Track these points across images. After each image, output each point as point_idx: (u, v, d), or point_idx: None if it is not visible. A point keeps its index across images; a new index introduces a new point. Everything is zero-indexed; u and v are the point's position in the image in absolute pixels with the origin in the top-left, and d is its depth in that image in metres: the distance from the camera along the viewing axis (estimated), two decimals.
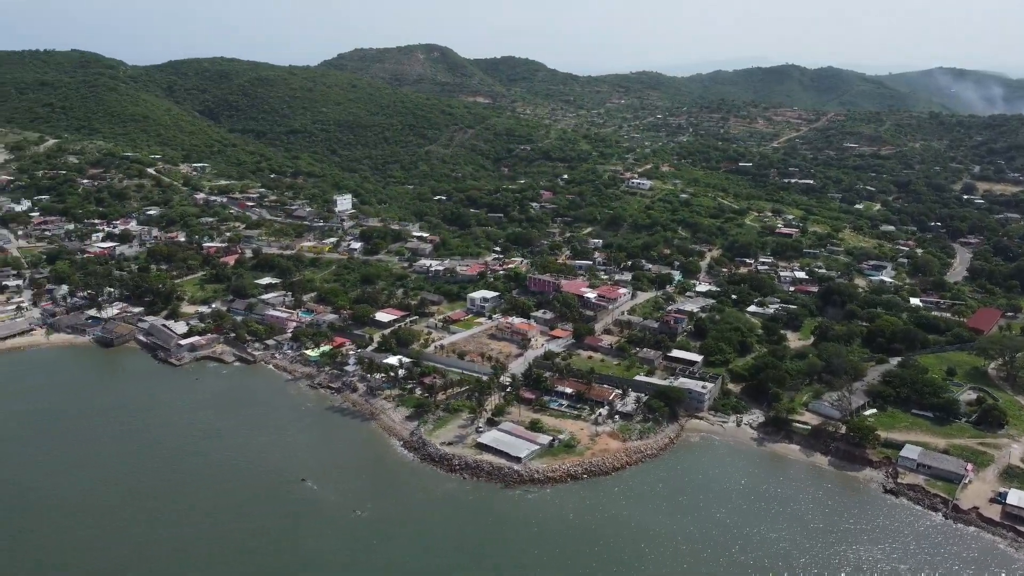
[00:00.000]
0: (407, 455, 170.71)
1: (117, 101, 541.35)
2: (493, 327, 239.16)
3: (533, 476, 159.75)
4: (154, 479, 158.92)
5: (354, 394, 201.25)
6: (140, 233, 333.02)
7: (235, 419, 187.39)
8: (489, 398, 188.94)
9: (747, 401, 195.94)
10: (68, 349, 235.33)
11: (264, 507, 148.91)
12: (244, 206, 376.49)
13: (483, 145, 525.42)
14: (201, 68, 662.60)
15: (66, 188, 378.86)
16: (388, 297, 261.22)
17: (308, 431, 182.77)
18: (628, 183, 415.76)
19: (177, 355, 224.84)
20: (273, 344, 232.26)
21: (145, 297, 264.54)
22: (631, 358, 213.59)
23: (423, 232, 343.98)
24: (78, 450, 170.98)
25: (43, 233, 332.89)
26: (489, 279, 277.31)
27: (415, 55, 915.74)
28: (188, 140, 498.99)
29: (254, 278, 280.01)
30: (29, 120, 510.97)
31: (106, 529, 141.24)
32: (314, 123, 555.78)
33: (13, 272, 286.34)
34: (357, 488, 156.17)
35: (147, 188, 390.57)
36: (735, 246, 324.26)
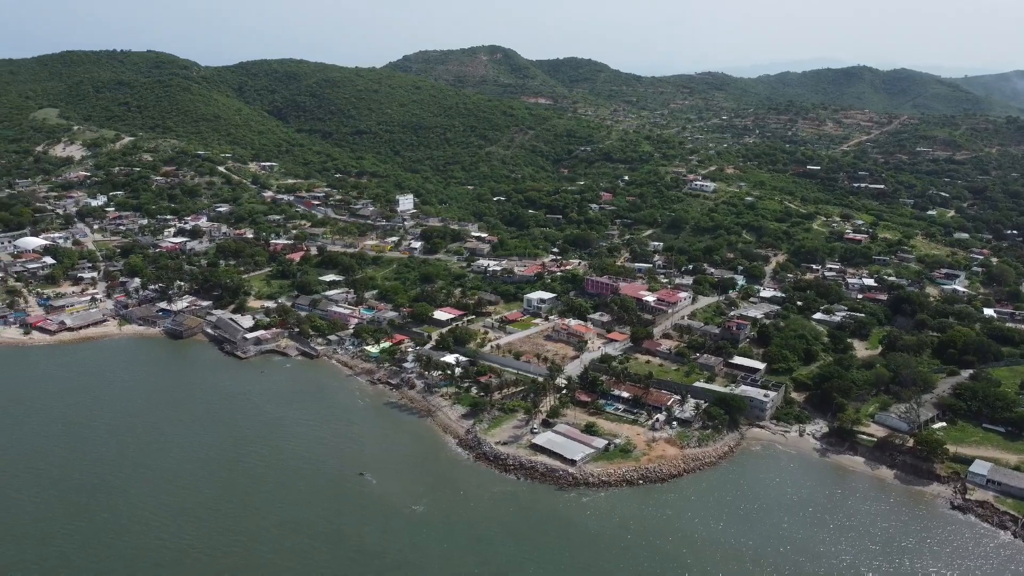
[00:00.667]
0: (462, 453, 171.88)
1: (190, 101, 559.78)
2: (549, 328, 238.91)
3: (588, 479, 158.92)
4: (220, 469, 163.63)
5: (412, 391, 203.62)
6: (210, 229, 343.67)
7: (298, 411, 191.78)
8: (544, 399, 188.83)
9: (811, 411, 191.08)
10: (139, 340, 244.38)
11: (325, 499, 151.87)
12: (310, 205, 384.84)
13: (543, 146, 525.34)
14: (271, 69, 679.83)
15: (140, 185, 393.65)
16: (446, 296, 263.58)
17: (367, 426, 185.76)
18: (691, 185, 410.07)
19: (243, 348, 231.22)
20: (335, 340, 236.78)
21: (213, 291, 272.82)
22: (691, 364, 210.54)
23: (482, 232, 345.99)
24: (146, 440, 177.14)
25: (118, 228, 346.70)
26: (546, 280, 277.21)
27: (478, 57, 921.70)
28: (257, 139, 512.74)
29: (318, 275, 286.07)
30: (106, 118, 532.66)
31: (171, 518, 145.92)
32: (379, 124, 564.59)
33: (89, 265, 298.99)
34: (413, 483, 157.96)
35: (217, 186, 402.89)
36: (801, 251, 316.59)
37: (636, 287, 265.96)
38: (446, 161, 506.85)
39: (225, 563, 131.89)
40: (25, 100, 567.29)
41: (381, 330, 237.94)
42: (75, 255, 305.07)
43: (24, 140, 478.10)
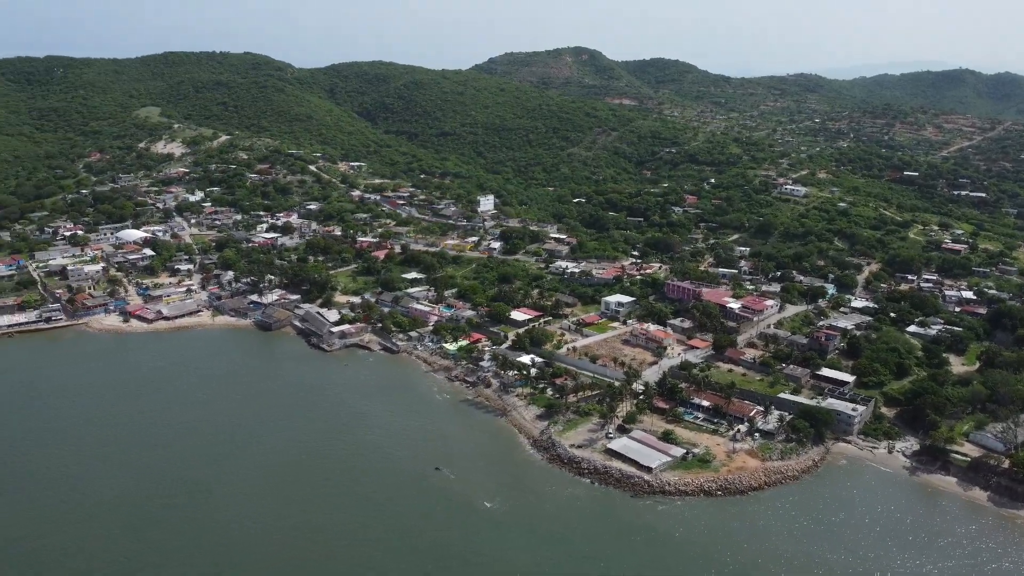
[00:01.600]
0: (535, 454, 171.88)
1: (284, 101, 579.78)
2: (628, 332, 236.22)
3: (664, 487, 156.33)
4: (304, 459, 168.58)
5: (487, 389, 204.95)
6: (300, 226, 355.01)
7: (379, 405, 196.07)
8: (621, 404, 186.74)
9: (901, 427, 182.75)
10: (230, 331, 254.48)
11: (403, 492, 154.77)
12: (395, 204, 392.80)
13: (626, 148, 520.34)
14: (361, 71, 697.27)
15: (236, 181, 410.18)
16: (524, 297, 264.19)
17: (443, 421, 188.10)
18: (781, 189, 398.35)
19: (328, 341, 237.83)
20: (415, 336, 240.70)
21: (302, 286, 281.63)
22: (776, 374, 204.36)
23: (561, 234, 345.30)
24: (234, 429, 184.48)
25: (213, 222, 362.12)
26: (625, 283, 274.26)
27: (563, 58, 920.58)
28: (347, 140, 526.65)
29: (401, 272, 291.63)
30: (205, 117, 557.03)
31: (255, 507, 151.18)
32: (463, 125, 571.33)
33: (185, 257, 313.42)
34: (487, 481, 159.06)
35: (308, 184, 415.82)
36: (896, 260, 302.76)
37: (720, 293, 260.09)
38: (527, 162, 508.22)
39: (306, 554, 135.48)
40: (129, 98, 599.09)
41: (459, 328, 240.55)
42: (173, 248, 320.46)
43: (127, 137, 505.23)
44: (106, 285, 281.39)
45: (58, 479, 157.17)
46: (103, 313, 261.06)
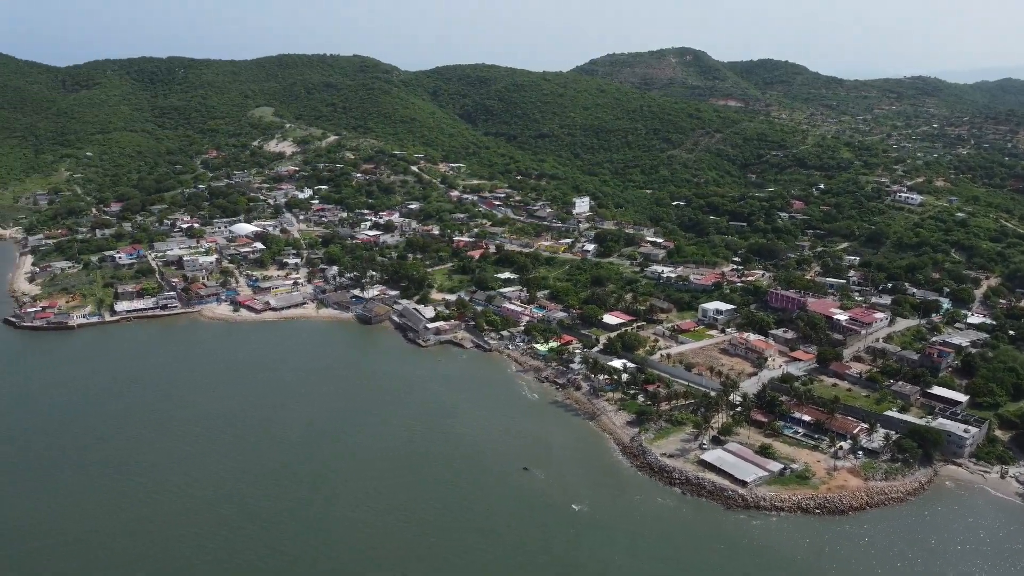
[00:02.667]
0: (624, 460, 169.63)
1: (389, 103, 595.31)
2: (726, 341, 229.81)
3: (759, 502, 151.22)
4: (399, 450, 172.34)
5: (577, 392, 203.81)
6: (401, 225, 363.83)
7: (469, 401, 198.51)
8: (716, 415, 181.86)
9: (1016, 452, 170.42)
10: (333, 323, 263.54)
11: (492, 489, 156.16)
12: (491, 205, 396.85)
13: (730, 150, 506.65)
14: (464, 74, 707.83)
15: (342, 180, 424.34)
16: (617, 300, 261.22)
17: (532, 421, 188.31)
18: (894, 197, 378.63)
19: (424, 337, 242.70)
20: (507, 335, 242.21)
21: (401, 282, 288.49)
22: (883, 391, 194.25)
23: (657, 237, 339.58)
24: (334, 418, 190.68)
25: (320, 219, 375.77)
26: (725, 290, 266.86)
27: (667, 59, 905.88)
28: (448, 141, 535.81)
29: (495, 272, 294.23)
30: (315, 118, 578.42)
31: (349, 496, 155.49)
32: (561, 127, 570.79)
33: (293, 252, 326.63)
34: (574, 484, 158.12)
35: (410, 184, 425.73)
36: (1018, 275, 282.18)
37: (826, 304, 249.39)
38: (626, 164, 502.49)
39: (394, 549, 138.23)
40: (245, 99, 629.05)
41: (550, 329, 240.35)
42: (282, 242, 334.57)
43: (242, 135, 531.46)
44: (219, 276, 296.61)
45: (169, 466, 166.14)
46: (215, 302, 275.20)
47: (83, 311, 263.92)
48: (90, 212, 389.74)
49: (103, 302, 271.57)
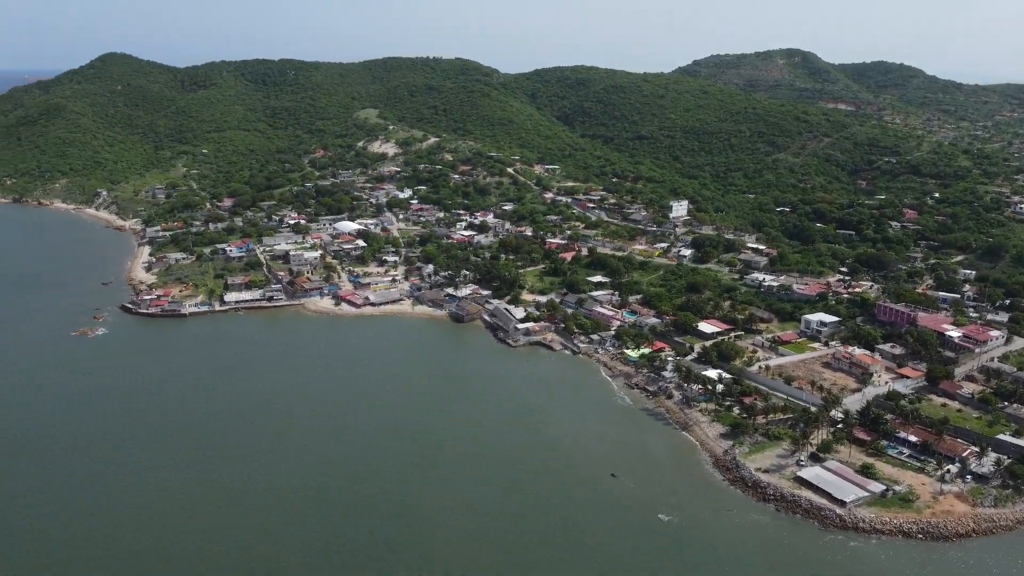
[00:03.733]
0: (715, 473, 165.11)
1: (488, 106, 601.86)
2: (829, 355, 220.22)
3: (857, 524, 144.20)
4: (486, 449, 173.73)
5: (669, 400, 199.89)
6: (495, 226, 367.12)
7: (557, 404, 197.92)
8: (815, 431, 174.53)
9: None
10: (427, 320, 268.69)
11: (579, 494, 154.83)
12: (585, 207, 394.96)
13: (839, 155, 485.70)
14: (563, 76, 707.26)
15: (440, 181, 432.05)
16: (714, 308, 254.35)
17: (620, 428, 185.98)
18: (1015, 208, 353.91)
19: (514, 337, 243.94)
20: (597, 339, 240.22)
21: (493, 282, 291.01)
22: (996, 413, 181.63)
23: (759, 244, 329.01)
24: (424, 411, 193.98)
25: (418, 218, 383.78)
26: (830, 301, 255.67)
27: (774, 60, 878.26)
28: (544, 143, 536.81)
29: (586, 275, 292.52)
30: (416, 120, 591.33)
31: (435, 496, 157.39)
32: (660, 129, 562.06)
33: (392, 249, 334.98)
34: (663, 494, 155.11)
35: (505, 185, 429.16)
36: None
37: (938, 319, 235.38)
38: (727, 167, 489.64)
39: (480, 547, 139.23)
40: (351, 100, 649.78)
41: (642, 335, 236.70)
42: (382, 240, 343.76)
43: (348, 136, 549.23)
44: (322, 271, 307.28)
45: (270, 453, 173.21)
46: (318, 296, 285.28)
47: (195, 300, 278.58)
48: (204, 207, 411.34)
49: (213, 292, 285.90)
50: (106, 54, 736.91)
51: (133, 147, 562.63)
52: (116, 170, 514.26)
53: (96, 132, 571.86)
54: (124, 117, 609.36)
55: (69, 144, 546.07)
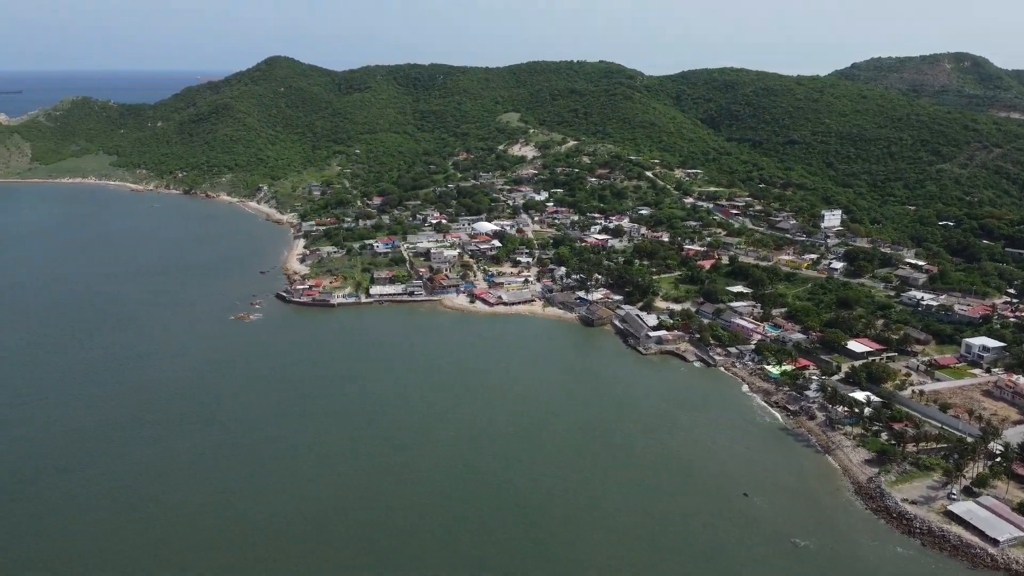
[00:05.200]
0: (857, 501, 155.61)
1: (630, 108, 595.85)
2: (991, 383, 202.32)
3: (1010, 564, 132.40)
4: (616, 458, 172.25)
5: (810, 421, 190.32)
6: (630, 230, 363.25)
7: (689, 416, 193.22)
8: (971, 464, 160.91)
9: None
10: (557, 321, 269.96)
11: (707, 511, 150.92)
12: (728, 213, 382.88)
13: (1011, 168, 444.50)
14: (710, 78, 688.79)
15: (577, 184, 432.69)
16: (865, 326, 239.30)
17: (756, 446, 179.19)
18: None
19: (645, 345, 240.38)
20: (734, 352, 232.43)
21: (625, 287, 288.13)
22: None
23: (918, 260, 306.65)
24: (550, 414, 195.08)
25: (553, 221, 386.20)
26: (995, 325, 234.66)
27: (940, 64, 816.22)
28: (687, 147, 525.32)
29: (726, 284, 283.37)
30: (557, 123, 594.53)
31: (563, 502, 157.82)
32: (813, 134, 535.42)
33: (526, 251, 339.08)
34: (798, 517, 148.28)
35: (643, 189, 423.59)
36: None
37: None
38: (886, 177, 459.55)
39: (606, 557, 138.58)
40: (495, 104, 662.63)
41: (785, 351, 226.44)
42: (516, 241, 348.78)
43: (490, 139, 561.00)
44: (459, 269, 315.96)
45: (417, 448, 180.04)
46: (454, 293, 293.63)
47: (343, 292, 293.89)
48: (356, 204, 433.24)
49: (360, 285, 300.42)
50: (271, 57, 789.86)
51: (292, 146, 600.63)
52: (277, 167, 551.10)
53: (260, 131, 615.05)
54: (285, 117, 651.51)
55: (235, 141, 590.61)
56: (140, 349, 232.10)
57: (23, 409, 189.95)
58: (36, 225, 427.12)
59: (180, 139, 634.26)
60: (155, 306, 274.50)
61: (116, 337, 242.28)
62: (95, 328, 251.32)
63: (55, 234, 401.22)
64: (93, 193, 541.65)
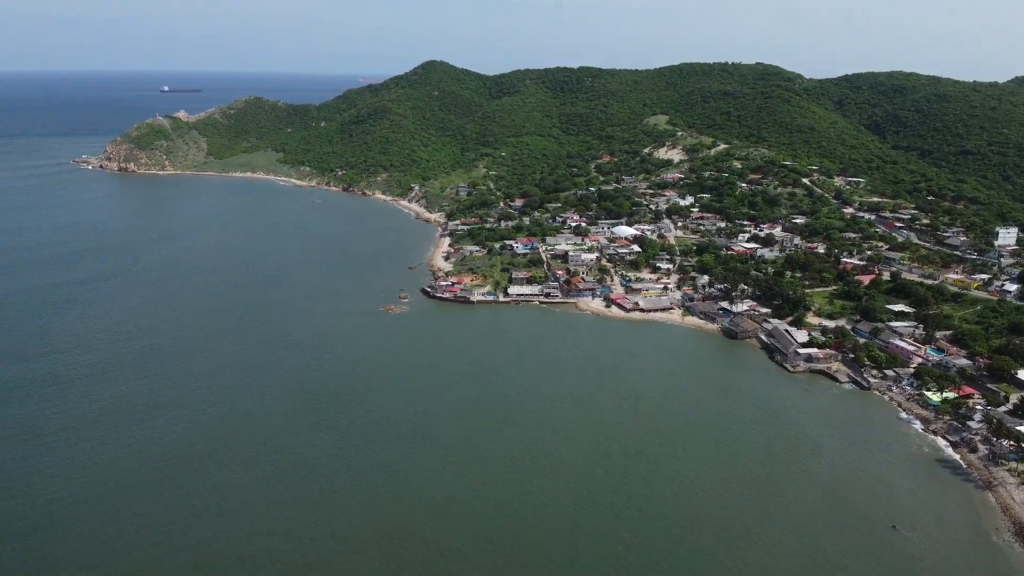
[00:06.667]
0: (1016, 544, 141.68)
1: (787, 112, 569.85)
2: None
3: None
4: (752, 478, 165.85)
5: (972, 454, 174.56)
6: (782, 239, 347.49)
7: (836, 439, 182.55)
8: None
9: None
10: (696, 332, 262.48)
11: (851, 540, 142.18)
12: (891, 226, 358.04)
13: None
14: (876, 82, 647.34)
15: (725, 190, 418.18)
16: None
17: (908, 476, 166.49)
18: None
19: (792, 362, 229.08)
20: (891, 376, 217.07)
21: (774, 300, 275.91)
22: None
23: None
24: (690, 427, 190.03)
25: (698, 227, 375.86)
26: None
27: None
28: (848, 154, 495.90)
29: (886, 302, 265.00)
30: (707, 126, 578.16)
31: (689, 519, 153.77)
32: (989, 145, 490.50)
33: (667, 257, 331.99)
34: (951, 557, 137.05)
35: (798, 197, 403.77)
36: None
37: None
38: None
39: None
40: (642, 107, 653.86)
41: (947, 377, 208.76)
42: (657, 247, 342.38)
43: (635, 142, 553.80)
44: (596, 272, 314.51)
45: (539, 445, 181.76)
46: (590, 297, 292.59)
47: (482, 290, 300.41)
48: (498, 205, 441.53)
49: (499, 284, 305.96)
50: (427, 62, 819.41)
51: (443, 147, 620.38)
52: (428, 168, 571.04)
53: (414, 132, 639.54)
54: (438, 120, 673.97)
55: (391, 143, 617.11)
56: (299, 338, 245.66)
57: (203, 393, 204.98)
58: (212, 215, 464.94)
59: (341, 138, 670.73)
60: (314, 296, 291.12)
61: (279, 327, 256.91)
62: (262, 315, 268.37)
63: (229, 225, 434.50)
64: (262, 187, 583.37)
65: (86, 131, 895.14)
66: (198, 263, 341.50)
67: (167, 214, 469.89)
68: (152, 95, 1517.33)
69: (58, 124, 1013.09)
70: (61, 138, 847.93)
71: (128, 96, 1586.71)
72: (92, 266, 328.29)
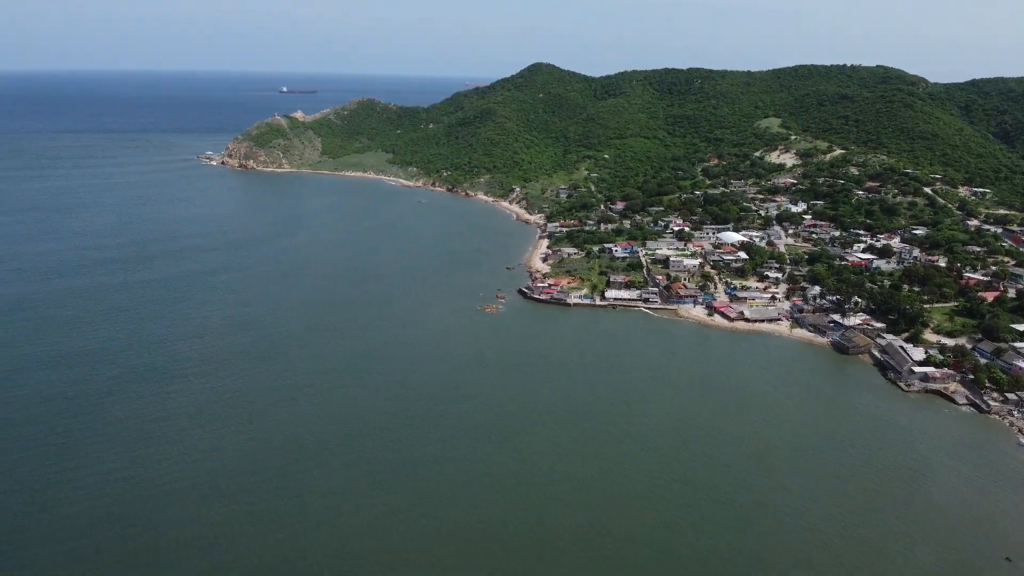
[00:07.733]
0: None
1: (910, 117, 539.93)
2: None
3: None
4: (866, 500, 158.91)
5: None
6: (901, 251, 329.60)
7: (949, 463, 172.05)
8: None
9: None
10: (804, 345, 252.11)
11: (961, 571, 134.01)
12: (1019, 240, 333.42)
13: None
14: (1006, 88, 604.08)
15: (841, 197, 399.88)
16: None
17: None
18: None
19: (907, 380, 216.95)
20: (1013, 399, 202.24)
21: (890, 315, 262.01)
22: None
23: None
24: (795, 447, 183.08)
25: (810, 235, 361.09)
26: None
27: None
28: (974, 163, 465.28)
29: (1011, 321, 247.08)
30: (822, 130, 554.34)
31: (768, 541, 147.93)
32: None
33: (776, 265, 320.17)
34: None
35: (918, 207, 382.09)
36: None
37: None
38: None
39: None
40: (754, 109, 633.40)
41: None
42: (766, 254, 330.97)
43: (745, 145, 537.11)
44: (699, 279, 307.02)
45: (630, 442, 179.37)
46: (691, 304, 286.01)
47: (579, 292, 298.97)
48: (599, 208, 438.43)
49: (596, 287, 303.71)
50: (534, 64, 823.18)
51: (546, 149, 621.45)
52: (529, 169, 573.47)
53: (518, 135, 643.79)
54: (542, 122, 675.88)
55: (495, 144, 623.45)
56: (404, 335, 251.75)
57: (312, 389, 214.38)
58: (325, 213, 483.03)
59: (447, 140, 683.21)
60: (418, 293, 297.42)
61: (385, 323, 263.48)
62: (366, 312, 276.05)
63: (341, 223, 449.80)
64: (371, 187, 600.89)
65: (211, 129, 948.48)
66: (312, 257, 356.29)
67: (284, 211, 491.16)
68: (271, 95, 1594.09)
69: (184, 121, 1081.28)
70: (186, 134, 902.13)
71: (249, 96, 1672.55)
72: (220, 258, 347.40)
